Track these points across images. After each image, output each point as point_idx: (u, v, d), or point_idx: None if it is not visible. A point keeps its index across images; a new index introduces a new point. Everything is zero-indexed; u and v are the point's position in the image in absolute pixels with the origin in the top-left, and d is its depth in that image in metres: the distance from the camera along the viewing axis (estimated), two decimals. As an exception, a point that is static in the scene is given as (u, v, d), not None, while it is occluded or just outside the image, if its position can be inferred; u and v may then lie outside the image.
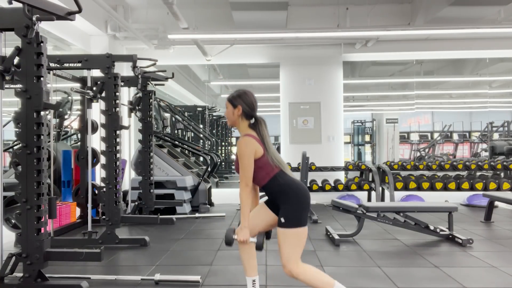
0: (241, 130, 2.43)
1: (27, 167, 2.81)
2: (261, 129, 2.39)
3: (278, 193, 2.32)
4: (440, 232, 4.50)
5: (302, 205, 2.28)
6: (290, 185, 2.31)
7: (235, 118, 2.41)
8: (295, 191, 2.30)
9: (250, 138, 2.32)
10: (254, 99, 2.43)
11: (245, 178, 2.28)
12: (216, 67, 9.39)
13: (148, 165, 5.76)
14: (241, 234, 2.28)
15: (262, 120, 2.43)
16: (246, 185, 2.28)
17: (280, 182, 2.31)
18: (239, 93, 2.42)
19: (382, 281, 3.16)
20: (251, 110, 2.40)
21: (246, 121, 2.41)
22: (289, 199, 2.28)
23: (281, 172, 2.35)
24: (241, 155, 2.28)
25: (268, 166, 2.32)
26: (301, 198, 2.29)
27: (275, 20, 6.43)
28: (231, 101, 2.41)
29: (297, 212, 2.26)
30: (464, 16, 6.18)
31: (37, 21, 2.76)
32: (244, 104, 2.38)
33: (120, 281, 3.20)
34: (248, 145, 2.30)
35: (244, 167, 2.28)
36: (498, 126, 10.87)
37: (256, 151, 2.30)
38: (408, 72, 9.86)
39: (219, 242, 4.48)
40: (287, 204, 2.27)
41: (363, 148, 11.78)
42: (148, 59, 5.09)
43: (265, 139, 2.37)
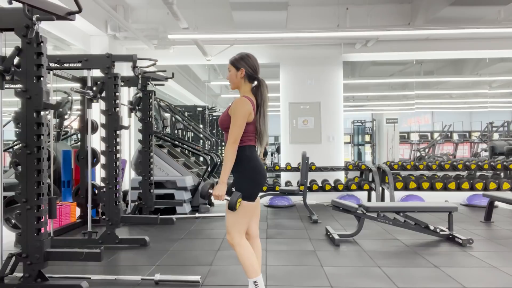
0: (242, 93, 2.46)
1: (27, 167, 2.81)
2: (263, 92, 2.44)
3: (237, 162, 2.35)
4: (440, 232, 4.50)
5: (255, 182, 2.39)
6: (251, 160, 2.39)
7: (238, 80, 2.45)
8: (252, 167, 2.39)
9: (247, 100, 2.36)
10: (257, 62, 2.48)
11: (234, 135, 2.31)
12: (216, 67, 9.40)
13: (148, 165, 5.76)
14: (217, 189, 2.32)
15: (264, 82, 2.46)
16: (234, 141, 2.31)
17: (246, 154, 2.37)
18: (241, 56, 2.47)
19: (382, 281, 3.16)
20: (254, 72, 2.44)
21: (249, 83, 2.46)
22: (244, 172, 2.37)
23: (253, 146, 2.42)
24: (236, 113, 2.32)
25: (249, 134, 2.38)
26: (256, 175, 2.39)
27: (275, 20, 6.43)
28: (234, 64, 2.46)
29: (248, 187, 2.36)
30: (464, 16, 6.18)
31: (37, 21, 2.76)
32: (247, 66, 2.43)
33: (120, 281, 3.20)
34: (245, 105, 2.33)
35: (237, 124, 2.30)
36: (498, 126, 10.87)
37: (250, 114, 2.35)
38: (408, 72, 9.86)
39: (219, 242, 4.48)
40: (241, 176, 2.38)
41: (363, 148, 11.79)
42: (148, 59, 5.08)
43: (264, 104, 2.42)
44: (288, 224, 5.47)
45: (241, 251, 2.38)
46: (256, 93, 2.44)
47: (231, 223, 2.38)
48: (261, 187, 2.44)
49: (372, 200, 7.10)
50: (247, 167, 2.38)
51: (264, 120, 2.41)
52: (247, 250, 2.40)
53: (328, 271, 3.40)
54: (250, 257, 2.39)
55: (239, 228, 2.38)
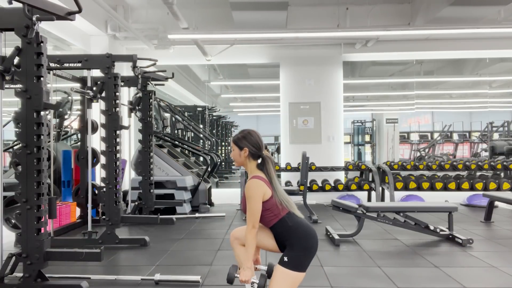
0: (249, 171, 2.41)
1: (27, 167, 2.81)
2: (269, 168, 2.37)
3: (286, 235, 2.29)
4: (440, 232, 4.50)
5: (308, 250, 2.25)
6: (299, 227, 2.28)
7: (242, 159, 2.40)
8: (304, 234, 2.27)
9: (259, 181, 2.29)
10: (260, 139, 2.40)
11: (253, 220, 2.25)
12: (216, 67, 9.39)
13: (148, 165, 5.76)
14: (243, 275, 2.25)
15: (269, 158, 2.40)
16: (253, 227, 2.25)
17: (289, 224, 2.28)
18: (243, 135, 2.40)
19: (382, 281, 3.16)
20: (258, 150, 2.38)
21: (254, 161, 2.39)
22: (296, 242, 2.25)
23: (289, 213, 2.32)
24: (250, 197, 2.26)
25: (276, 208, 2.29)
26: (308, 243, 2.26)
27: (275, 20, 6.42)
28: (237, 143, 2.40)
29: (301, 257, 2.23)
30: (464, 16, 6.18)
31: (37, 21, 2.76)
32: (249, 145, 2.36)
33: (120, 281, 3.20)
34: (257, 187, 2.27)
35: (252, 209, 2.25)
36: (498, 126, 10.87)
37: (265, 193, 2.28)
38: (408, 72, 9.86)
39: (219, 242, 4.48)
40: (294, 245, 2.25)
41: (363, 148, 11.78)
42: (148, 59, 5.09)
43: (273, 179, 2.35)
44: (288, 224, 5.46)
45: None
46: (262, 170, 2.38)
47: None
48: (314, 254, 2.27)
49: (372, 200, 7.10)
50: (298, 235, 2.26)
51: (278, 194, 2.32)
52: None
53: (328, 271, 3.40)
54: None
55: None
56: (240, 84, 11.14)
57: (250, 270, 2.26)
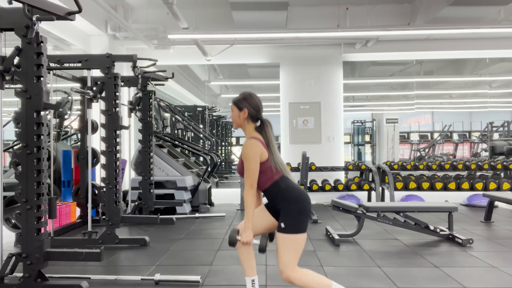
0: (247, 133, 2.43)
1: (27, 167, 2.81)
2: (267, 131, 2.39)
3: (279, 198, 2.32)
4: (440, 232, 4.50)
5: (302, 211, 2.28)
6: (291, 191, 2.31)
7: (241, 121, 2.42)
8: (296, 197, 2.30)
9: (256, 141, 2.32)
10: (259, 101, 2.42)
11: (250, 180, 2.27)
12: (216, 67, 9.39)
13: (148, 165, 5.76)
14: (244, 236, 2.28)
15: (268, 122, 2.42)
16: (251, 186, 2.28)
17: (282, 187, 2.31)
18: (244, 96, 2.41)
19: (382, 281, 3.16)
20: (257, 112, 2.39)
21: (252, 123, 2.41)
22: (290, 205, 2.27)
23: (283, 177, 2.34)
24: (247, 158, 2.28)
25: (270, 171, 2.31)
26: (301, 204, 2.29)
27: (275, 20, 6.42)
28: (237, 104, 2.41)
29: (297, 218, 2.25)
30: (464, 16, 6.18)
31: (37, 21, 2.76)
32: (249, 106, 2.38)
33: (120, 281, 3.20)
34: (254, 148, 2.29)
35: (250, 169, 2.27)
36: (498, 126, 10.87)
37: (262, 154, 2.30)
38: (408, 72, 9.85)
39: (219, 242, 4.48)
40: (287, 210, 2.27)
41: (363, 148, 11.78)
42: (148, 59, 5.09)
43: (270, 143, 2.36)
44: (288, 224, 5.46)
45: (303, 281, 2.23)
46: (261, 133, 2.39)
47: (287, 260, 2.23)
48: (309, 214, 2.33)
49: (372, 200, 7.10)
50: (290, 198, 2.29)
51: (274, 157, 2.33)
52: (307, 275, 2.27)
53: (328, 271, 3.40)
54: (313, 279, 2.26)
55: (294, 264, 2.25)
56: (240, 84, 11.13)
57: (251, 231, 2.29)
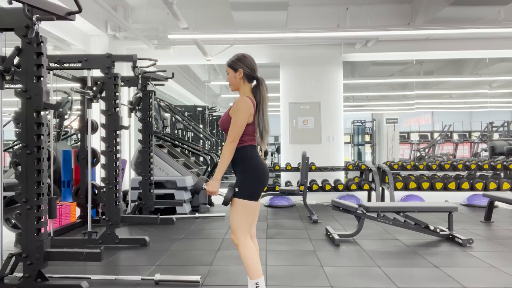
0: (242, 93, 2.45)
1: (27, 167, 2.81)
2: (262, 89, 2.44)
3: (239, 161, 2.38)
4: (440, 232, 4.50)
5: (257, 180, 2.38)
6: (253, 159, 2.39)
7: (237, 81, 2.45)
8: (254, 166, 2.39)
9: (249, 100, 2.37)
10: (253, 61, 2.48)
11: (234, 134, 2.32)
12: (216, 67, 9.40)
13: (148, 165, 5.76)
14: (211, 185, 2.33)
15: (263, 80, 2.46)
16: (233, 141, 2.32)
17: (247, 153, 2.38)
18: (238, 57, 2.47)
19: (382, 281, 3.16)
20: (252, 71, 2.44)
21: (248, 83, 2.46)
22: (247, 171, 2.37)
23: (254, 146, 2.43)
24: (237, 112, 2.32)
25: (248, 135, 2.38)
26: (258, 173, 2.39)
27: (275, 20, 6.42)
28: (231, 65, 2.46)
29: (251, 186, 2.36)
30: (464, 16, 6.18)
31: (37, 21, 2.76)
32: (244, 66, 2.43)
33: (120, 281, 3.20)
34: (246, 105, 2.34)
35: (238, 123, 2.31)
36: (498, 126, 10.87)
37: (250, 115, 2.35)
38: (408, 72, 9.86)
39: (219, 242, 4.48)
40: (244, 175, 2.37)
41: (363, 148, 11.78)
42: (148, 59, 5.08)
43: (264, 102, 2.41)
44: (288, 224, 5.47)
45: (244, 251, 2.37)
46: (255, 92, 2.44)
47: (236, 222, 2.38)
48: (264, 186, 2.42)
49: (372, 200, 7.10)
50: (249, 166, 2.38)
51: (264, 118, 2.40)
52: (251, 251, 2.38)
53: (328, 271, 3.40)
54: (253, 258, 2.37)
55: (243, 228, 2.38)
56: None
57: (218, 182, 2.35)
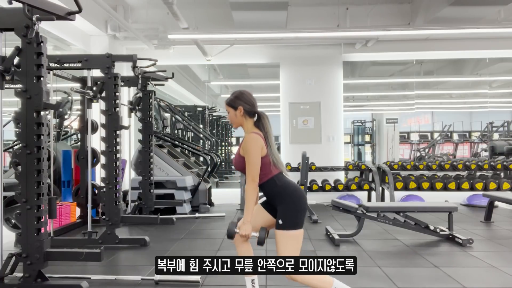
0: (247, 129, 2.44)
1: (27, 167, 2.81)
2: (265, 124, 2.41)
3: (275, 194, 2.35)
4: (440, 232, 4.50)
5: (298, 207, 2.31)
6: (287, 187, 2.35)
7: (239, 119, 2.43)
8: (291, 193, 2.33)
9: (257, 136, 2.35)
10: (252, 96, 2.45)
11: (252, 174, 2.29)
12: (216, 67, 9.39)
13: (148, 165, 5.76)
14: (243, 229, 2.30)
15: (264, 115, 2.45)
16: (252, 180, 2.29)
17: (277, 184, 2.35)
18: (236, 95, 2.43)
19: (382, 281, 3.16)
20: (252, 107, 2.42)
21: (250, 119, 2.44)
22: (286, 201, 2.31)
23: (279, 174, 2.38)
24: (249, 151, 2.30)
25: (267, 167, 2.34)
26: (297, 200, 2.32)
27: (275, 20, 6.42)
28: (231, 104, 2.43)
29: (293, 215, 2.29)
30: (464, 16, 6.18)
31: (37, 21, 2.76)
32: (243, 103, 2.40)
33: (120, 281, 3.20)
34: (256, 141, 2.32)
35: (252, 163, 2.29)
36: (498, 126, 10.86)
37: (262, 149, 2.33)
38: (408, 72, 9.85)
39: (219, 242, 4.48)
40: (284, 206, 2.30)
41: (363, 148, 11.78)
42: (148, 59, 5.09)
43: (269, 136, 2.39)
44: (288, 224, 5.46)
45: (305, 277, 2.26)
46: (259, 127, 2.41)
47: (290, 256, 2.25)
48: (305, 209, 2.37)
49: (372, 200, 7.10)
50: (285, 195, 2.33)
51: (272, 151, 2.36)
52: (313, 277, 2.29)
53: (328, 271, 3.39)
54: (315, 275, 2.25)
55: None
56: (240, 84, 11.12)
57: (250, 224, 2.31)
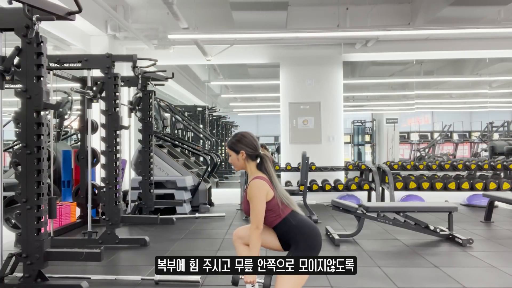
0: (250, 173, 2.41)
1: (27, 167, 2.81)
2: (267, 166, 2.38)
3: (290, 234, 2.31)
4: (440, 232, 4.50)
5: (313, 247, 2.29)
6: (302, 227, 2.30)
7: (241, 163, 2.41)
8: (307, 234, 2.29)
9: (261, 181, 2.31)
10: (254, 139, 2.42)
11: (257, 221, 2.26)
12: (216, 67, 9.39)
13: (148, 165, 5.76)
14: (248, 276, 2.27)
15: (266, 157, 2.41)
16: (257, 227, 2.26)
17: (292, 224, 2.30)
18: (237, 138, 2.41)
19: (382, 281, 3.16)
20: (254, 150, 2.38)
21: (253, 162, 2.40)
22: (301, 241, 2.28)
23: (292, 212, 2.34)
24: (253, 198, 2.27)
25: (278, 208, 2.30)
26: (313, 242, 2.29)
27: (275, 20, 6.42)
28: (232, 148, 2.40)
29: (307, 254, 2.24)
30: (464, 16, 6.18)
31: (37, 21, 2.76)
32: (245, 147, 2.37)
33: (120, 281, 3.20)
34: (260, 188, 2.28)
35: (256, 210, 2.26)
36: (498, 126, 10.86)
37: (268, 193, 2.29)
38: (408, 72, 9.85)
39: (219, 242, 4.48)
40: (298, 246, 2.27)
41: (363, 148, 11.78)
42: (148, 59, 5.09)
43: (273, 178, 2.36)
44: (288, 224, 5.46)
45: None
46: (261, 169, 2.39)
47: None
48: (319, 249, 2.32)
49: (372, 200, 7.10)
50: (301, 237, 2.29)
51: (279, 192, 2.33)
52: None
53: (328, 271, 3.39)
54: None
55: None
56: (240, 84, 11.13)
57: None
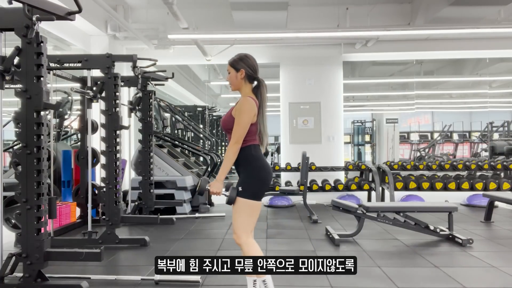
0: (244, 93, 2.45)
1: (27, 167, 2.81)
2: (262, 92, 2.44)
3: (243, 161, 2.37)
4: (440, 232, 4.50)
5: (262, 180, 2.38)
6: (257, 160, 2.38)
7: (239, 81, 2.45)
8: (259, 165, 2.38)
9: (253, 101, 2.37)
10: (255, 62, 2.48)
11: (238, 135, 2.31)
12: (216, 67, 9.39)
13: (148, 165, 5.76)
14: (215, 187, 2.34)
15: (264, 83, 2.46)
16: (236, 141, 2.31)
17: (251, 153, 2.37)
18: (240, 57, 2.47)
19: (382, 281, 3.17)
20: (254, 72, 2.44)
21: (249, 84, 2.46)
22: (251, 171, 2.36)
23: (257, 145, 2.42)
24: (242, 113, 2.31)
25: (252, 134, 2.37)
26: (262, 174, 2.37)
27: (275, 20, 6.42)
28: (233, 65, 2.46)
29: (255, 186, 2.35)
30: (464, 16, 6.18)
31: (37, 21, 2.76)
32: (246, 66, 2.43)
33: (120, 281, 3.20)
34: (252, 106, 2.34)
35: (242, 124, 2.30)
36: (498, 126, 10.86)
37: (254, 115, 2.35)
38: (408, 72, 9.85)
39: (219, 242, 4.48)
40: (247, 174, 2.36)
41: (363, 148, 11.78)
42: (148, 59, 5.08)
43: (263, 105, 2.41)
44: (288, 224, 5.47)
45: (248, 250, 2.37)
46: (256, 93, 2.44)
47: (238, 222, 2.38)
48: (268, 186, 2.42)
49: (372, 200, 7.10)
50: (254, 166, 2.37)
51: (263, 120, 2.40)
52: (255, 249, 2.38)
53: (328, 271, 3.39)
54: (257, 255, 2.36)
55: (246, 228, 2.38)
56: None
57: (222, 183, 2.36)
